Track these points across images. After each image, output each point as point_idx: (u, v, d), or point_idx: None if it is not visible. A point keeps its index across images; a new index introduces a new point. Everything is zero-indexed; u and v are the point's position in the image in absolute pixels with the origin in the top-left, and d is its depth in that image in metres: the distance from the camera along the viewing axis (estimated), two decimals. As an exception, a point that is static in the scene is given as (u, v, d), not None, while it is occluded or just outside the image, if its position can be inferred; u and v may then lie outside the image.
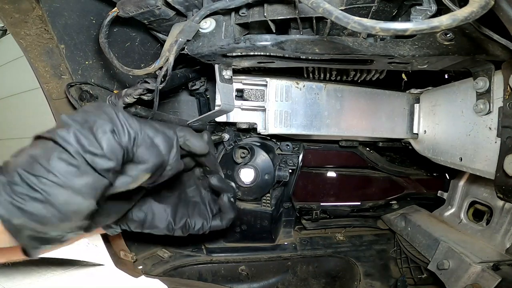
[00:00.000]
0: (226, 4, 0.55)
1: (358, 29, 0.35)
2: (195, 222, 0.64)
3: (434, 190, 1.12)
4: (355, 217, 1.21)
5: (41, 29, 0.65)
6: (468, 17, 0.34)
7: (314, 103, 0.85)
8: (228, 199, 0.67)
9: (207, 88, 0.95)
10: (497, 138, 0.63)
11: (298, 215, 1.14)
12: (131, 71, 0.61)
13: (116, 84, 0.80)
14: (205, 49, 0.58)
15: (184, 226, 0.62)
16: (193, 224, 0.64)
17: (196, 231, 0.64)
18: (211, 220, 0.67)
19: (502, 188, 0.61)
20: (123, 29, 0.76)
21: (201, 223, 0.65)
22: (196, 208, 0.67)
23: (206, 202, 0.69)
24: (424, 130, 0.89)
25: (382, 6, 0.51)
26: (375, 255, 1.19)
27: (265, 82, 0.83)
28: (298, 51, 0.58)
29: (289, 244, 1.12)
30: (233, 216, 0.68)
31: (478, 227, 0.92)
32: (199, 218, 0.65)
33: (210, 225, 0.66)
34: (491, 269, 0.76)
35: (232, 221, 0.69)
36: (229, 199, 0.67)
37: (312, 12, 0.53)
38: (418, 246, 1.00)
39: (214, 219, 0.67)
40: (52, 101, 0.75)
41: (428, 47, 0.57)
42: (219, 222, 0.67)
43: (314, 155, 1.04)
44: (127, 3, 0.58)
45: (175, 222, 0.61)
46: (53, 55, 0.68)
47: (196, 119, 0.72)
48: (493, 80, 0.64)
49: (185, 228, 0.63)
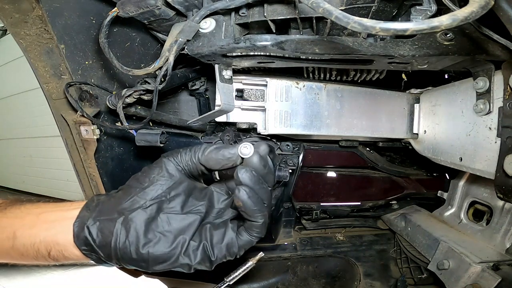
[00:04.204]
0: (226, 4, 0.55)
1: (358, 29, 0.35)
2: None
3: (434, 190, 1.12)
4: (355, 217, 1.21)
5: (41, 29, 0.65)
6: (468, 17, 0.34)
7: (314, 103, 0.85)
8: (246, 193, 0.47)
9: (207, 88, 0.95)
10: (497, 138, 0.63)
11: (298, 215, 1.15)
12: (131, 71, 0.61)
13: (116, 84, 0.80)
14: (205, 49, 0.58)
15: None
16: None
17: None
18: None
19: (502, 188, 0.61)
20: (123, 29, 0.76)
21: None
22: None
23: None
24: (424, 130, 0.89)
25: (382, 6, 0.51)
26: (375, 255, 1.19)
27: (265, 82, 0.83)
28: (298, 51, 0.58)
29: (289, 244, 1.12)
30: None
31: (478, 227, 0.92)
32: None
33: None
34: (491, 269, 0.76)
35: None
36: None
37: (312, 12, 0.53)
38: (418, 246, 1.00)
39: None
40: (52, 101, 0.75)
41: (428, 47, 0.57)
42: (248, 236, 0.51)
43: (314, 155, 1.04)
44: (127, 3, 0.58)
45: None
46: (53, 55, 0.68)
47: (196, 119, 0.72)
48: (493, 80, 0.64)
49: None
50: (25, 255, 0.51)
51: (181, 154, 0.53)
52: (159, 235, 0.48)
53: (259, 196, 0.49)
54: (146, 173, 0.52)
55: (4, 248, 0.52)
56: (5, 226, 0.52)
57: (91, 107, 0.73)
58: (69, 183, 3.90)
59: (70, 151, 0.82)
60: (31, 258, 0.52)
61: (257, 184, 0.49)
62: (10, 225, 0.52)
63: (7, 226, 0.52)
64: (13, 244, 0.51)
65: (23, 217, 0.52)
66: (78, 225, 0.49)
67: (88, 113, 0.70)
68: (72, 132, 0.77)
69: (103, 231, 0.48)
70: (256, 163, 0.51)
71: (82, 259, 0.51)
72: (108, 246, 0.48)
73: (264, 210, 0.49)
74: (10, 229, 0.51)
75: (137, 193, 0.50)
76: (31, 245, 0.50)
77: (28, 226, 0.51)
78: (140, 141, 0.69)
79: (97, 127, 0.74)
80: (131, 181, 0.53)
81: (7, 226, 0.52)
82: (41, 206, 0.55)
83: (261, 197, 0.49)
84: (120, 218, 0.48)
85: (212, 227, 0.52)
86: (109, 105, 0.69)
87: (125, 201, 0.49)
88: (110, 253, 0.48)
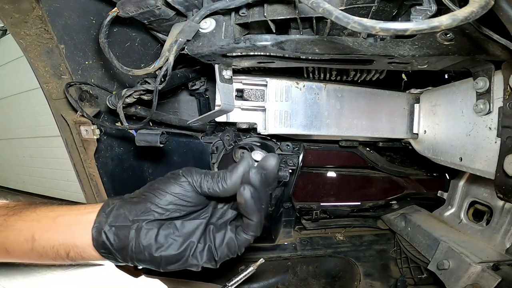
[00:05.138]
0: (226, 4, 0.55)
1: (358, 29, 0.35)
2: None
3: (434, 190, 1.12)
4: (355, 217, 1.21)
5: (41, 29, 0.65)
6: (468, 17, 0.34)
7: (314, 103, 0.85)
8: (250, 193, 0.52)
9: (207, 88, 0.95)
10: (497, 138, 0.63)
11: (298, 215, 1.15)
12: (131, 71, 0.61)
13: (116, 84, 0.80)
14: (205, 49, 0.58)
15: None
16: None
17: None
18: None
19: (502, 188, 0.61)
20: (123, 29, 0.76)
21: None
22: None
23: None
24: (424, 130, 0.89)
25: (382, 6, 0.51)
26: (375, 255, 1.19)
27: (265, 82, 0.83)
28: (298, 51, 0.58)
29: (289, 244, 1.12)
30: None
31: (478, 227, 0.92)
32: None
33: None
34: (491, 269, 0.76)
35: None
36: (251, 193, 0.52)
37: (312, 12, 0.53)
38: (418, 246, 1.00)
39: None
40: (52, 101, 0.75)
41: (428, 47, 0.57)
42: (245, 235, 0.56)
43: (314, 155, 1.04)
44: (127, 3, 0.58)
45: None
46: (53, 55, 0.68)
47: (196, 119, 0.72)
48: (493, 80, 0.64)
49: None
50: (44, 256, 0.55)
51: (202, 181, 0.55)
52: (170, 240, 0.53)
53: (260, 198, 0.53)
54: (162, 186, 0.56)
55: (23, 250, 0.55)
56: (22, 229, 0.55)
57: (91, 107, 0.73)
58: (69, 183, 3.90)
59: (70, 151, 0.82)
60: (50, 259, 0.55)
61: (262, 187, 0.54)
62: (27, 228, 0.55)
63: (24, 229, 0.55)
64: (32, 246, 0.54)
65: (39, 220, 0.56)
66: (96, 230, 0.52)
67: (88, 113, 0.70)
68: (72, 132, 0.77)
69: (119, 237, 0.52)
70: (271, 168, 0.56)
71: (100, 259, 0.55)
72: (125, 250, 0.52)
73: (261, 211, 0.54)
74: (28, 232, 0.54)
75: (151, 204, 0.54)
76: (51, 248, 0.54)
77: (45, 229, 0.55)
78: (140, 141, 0.69)
79: (97, 127, 0.74)
80: (147, 191, 0.56)
81: (24, 229, 0.55)
82: (56, 210, 0.58)
83: (261, 199, 0.53)
84: (134, 225, 0.52)
85: (215, 228, 0.57)
86: (109, 105, 0.69)
87: (140, 210, 0.54)
88: (126, 256, 0.53)
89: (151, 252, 0.52)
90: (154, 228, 0.52)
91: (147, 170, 0.94)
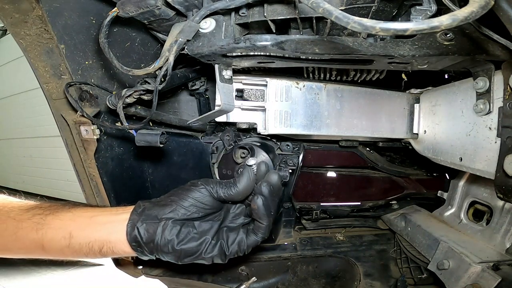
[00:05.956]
0: (226, 4, 0.55)
1: (358, 29, 0.35)
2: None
3: (434, 190, 1.12)
4: (355, 217, 1.21)
5: (41, 29, 0.65)
6: (468, 17, 0.34)
7: (314, 103, 0.85)
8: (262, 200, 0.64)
9: (207, 88, 0.95)
10: (497, 138, 0.63)
11: (298, 215, 1.14)
12: (131, 71, 0.61)
13: (116, 84, 0.80)
14: (205, 49, 0.58)
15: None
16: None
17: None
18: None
19: (502, 188, 0.61)
20: (123, 29, 0.76)
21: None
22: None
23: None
24: (424, 130, 0.89)
25: (382, 6, 0.51)
26: (375, 255, 1.19)
27: (265, 82, 0.83)
28: (298, 51, 0.58)
29: (289, 244, 1.12)
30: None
31: (478, 227, 0.92)
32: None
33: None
34: (491, 269, 0.75)
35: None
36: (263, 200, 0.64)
37: (312, 12, 0.53)
38: (418, 246, 0.99)
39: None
40: (52, 101, 0.75)
41: (428, 47, 0.57)
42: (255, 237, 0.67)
43: (314, 155, 1.04)
44: (127, 3, 0.58)
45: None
46: (53, 55, 0.68)
47: (196, 119, 0.72)
48: (493, 80, 0.64)
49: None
50: (78, 252, 0.62)
51: (218, 188, 0.67)
52: (189, 236, 0.63)
53: (270, 205, 0.65)
54: (185, 192, 0.66)
55: (60, 246, 0.62)
56: (60, 227, 0.62)
57: (91, 107, 0.73)
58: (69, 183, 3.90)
59: (70, 151, 0.82)
60: (83, 254, 0.63)
61: (271, 196, 0.66)
62: (65, 226, 0.62)
63: (62, 227, 0.62)
64: (69, 243, 0.61)
65: (75, 220, 0.63)
66: (130, 226, 0.62)
67: (88, 113, 0.70)
68: (72, 132, 0.77)
69: (149, 231, 0.61)
70: (275, 182, 0.68)
71: (128, 253, 0.64)
72: (152, 243, 0.61)
73: (270, 216, 0.65)
74: (65, 230, 0.62)
75: (176, 206, 0.64)
76: (86, 244, 0.61)
77: (82, 227, 0.62)
78: (140, 141, 0.69)
79: (97, 127, 0.74)
80: (174, 196, 0.66)
81: (61, 228, 0.62)
82: (90, 210, 0.66)
83: (270, 206, 0.65)
84: (161, 223, 0.62)
85: (228, 229, 0.68)
86: (109, 105, 0.69)
87: (168, 211, 0.63)
88: (152, 248, 0.62)
89: (173, 245, 0.61)
90: (177, 226, 0.62)
91: (147, 170, 0.94)
